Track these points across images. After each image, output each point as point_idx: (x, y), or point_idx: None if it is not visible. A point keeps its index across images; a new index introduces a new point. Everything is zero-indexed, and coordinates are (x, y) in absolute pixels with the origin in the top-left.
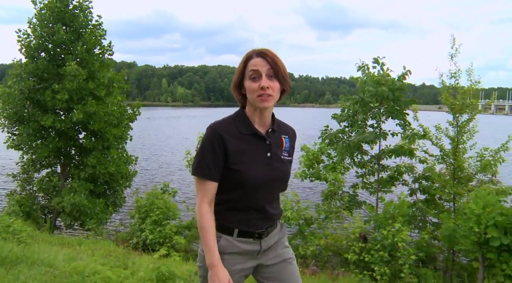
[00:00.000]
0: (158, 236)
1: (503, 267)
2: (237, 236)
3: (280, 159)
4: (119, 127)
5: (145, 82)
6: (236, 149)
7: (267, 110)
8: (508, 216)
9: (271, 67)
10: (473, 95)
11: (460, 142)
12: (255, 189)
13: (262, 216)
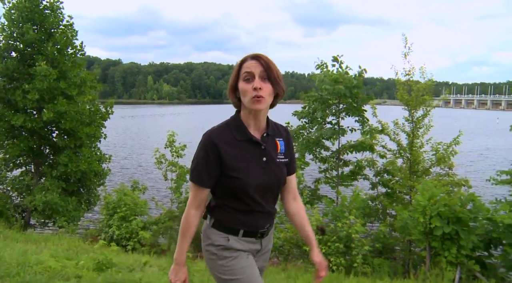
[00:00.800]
0: (124, 231)
1: (446, 255)
2: (242, 236)
3: (275, 163)
4: (92, 126)
5: (131, 79)
6: (232, 156)
7: (261, 113)
8: (450, 207)
9: (264, 70)
10: (427, 91)
11: (416, 137)
12: (254, 193)
13: (264, 216)
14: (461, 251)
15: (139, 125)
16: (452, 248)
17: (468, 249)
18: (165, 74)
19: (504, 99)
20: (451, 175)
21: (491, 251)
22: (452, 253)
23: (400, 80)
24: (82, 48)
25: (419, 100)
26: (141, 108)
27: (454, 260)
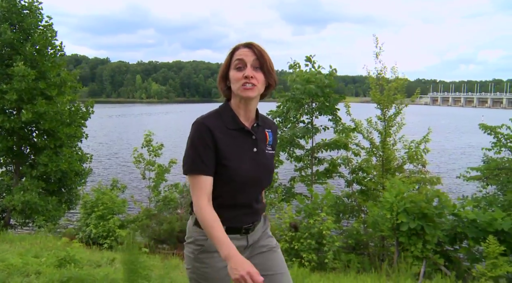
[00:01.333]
0: (101, 230)
1: (412, 249)
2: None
3: (265, 154)
4: (72, 126)
5: (119, 78)
6: (224, 145)
7: (252, 103)
8: (416, 203)
9: (257, 58)
10: (399, 90)
11: (388, 135)
12: (242, 185)
13: (249, 211)
14: (426, 246)
15: (125, 124)
16: (418, 243)
17: (433, 243)
18: (153, 73)
19: (489, 97)
20: (423, 172)
21: (456, 246)
22: (418, 247)
23: (373, 79)
24: (62, 48)
25: (391, 99)
26: (129, 107)
27: (420, 255)
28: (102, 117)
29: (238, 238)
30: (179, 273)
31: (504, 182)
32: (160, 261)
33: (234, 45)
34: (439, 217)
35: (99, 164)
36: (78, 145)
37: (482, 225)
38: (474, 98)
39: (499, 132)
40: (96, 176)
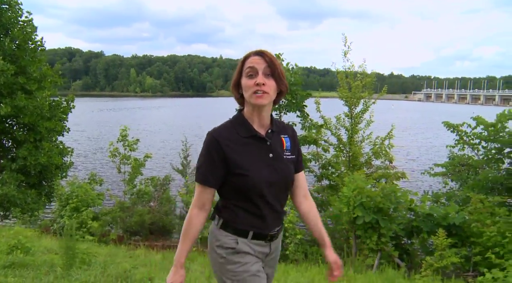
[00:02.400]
0: (75, 222)
1: (368, 242)
2: (252, 238)
3: (282, 159)
4: (52, 120)
5: (113, 72)
6: (237, 154)
7: (265, 110)
8: (372, 198)
9: (268, 66)
10: (368, 88)
11: (355, 132)
12: (262, 191)
13: (274, 217)
14: (381, 239)
15: (114, 118)
16: (373, 236)
17: (388, 236)
18: (148, 67)
19: (482, 94)
20: (389, 168)
21: (413, 239)
22: (373, 240)
23: (341, 76)
24: (42, 43)
25: (357, 96)
26: (123, 101)
27: (375, 247)
28: (93, 110)
29: (263, 245)
30: (127, 260)
31: (463, 178)
32: (126, 251)
33: (246, 53)
34: (395, 212)
35: (84, 158)
36: (59, 139)
37: (437, 219)
38: (468, 95)
39: (461, 130)
40: (80, 170)
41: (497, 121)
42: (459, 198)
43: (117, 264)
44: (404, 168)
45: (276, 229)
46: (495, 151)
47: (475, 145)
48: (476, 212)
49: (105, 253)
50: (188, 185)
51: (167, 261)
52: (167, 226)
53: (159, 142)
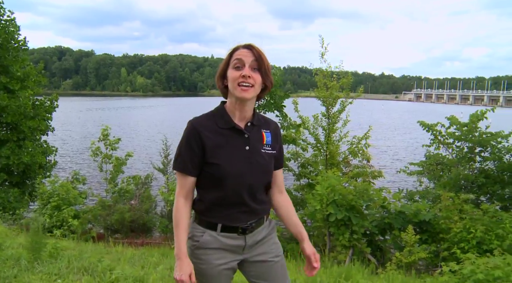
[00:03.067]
0: (55, 220)
1: (340, 239)
2: (221, 231)
3: (259, 153)
4: (35, 120)
5: (104, 71)
6: (214, 144)
7: (247, 103)
8: (344, 196)
9: (255, 59)
10: (345, 88)
11: (332, 131)
12: (235, 183)
13: (245, 210)
14: (353, 235)
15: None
16: (345, 233)
17: (360, 233)
18: (139, 66)
19: (471, 94)
20: (366, 167)
21: (386, 236)
22: (346, 237)
23: (320, 77)
24: (26, 43)
25: (333, 96)
26: (113, 100)
27: (348, 243)
28: (82, 110)
29: (235, 237)
30: (96, 255)
31: (437, 177)
32: (103, 248)
33: (234, 46)
34: (368, 209)
35: (70, 158)
36: (44, 138)
37: (408, 216)
38: (457, 95)
39: (435, 129)
40: (65, 169)
41: (470, 121)
42: (432, 196)
43: (85, 258)
44: (391, 167)
45: (249, 223)
46: (467, 150)
47: (450, 144)
48: (445, 209)
49: (76, 248)
50: (169, 184)
51: (136, 256)
52: (147, 224)
53: (145, 141)
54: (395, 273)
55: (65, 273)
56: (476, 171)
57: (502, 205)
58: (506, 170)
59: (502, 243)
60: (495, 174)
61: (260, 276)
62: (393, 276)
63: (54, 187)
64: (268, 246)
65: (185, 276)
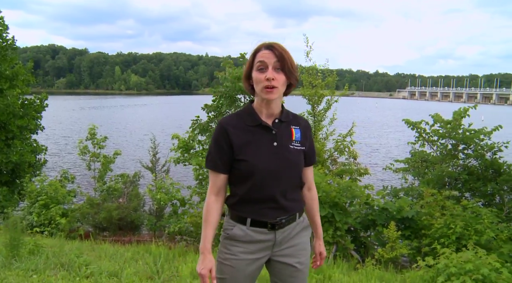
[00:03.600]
0: (43, 218)
1: (324, 235)
2: (250, 225)
3: (288, 149)
4: (25, 119)
5: (98, 70)
6: (241, 141)
7: (274, 102)
8: (327, 193)
9: (278, 60)
10: (330, 86)
11: (318, 129)
12: (263, 178)
13: (274, 206)
14: (337, 232)
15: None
16: (329, 229)
17: (344, 230)
18: (133, 65)
19: (465, 92)
20: (353, 164)
21: (371, 232)
22: (329, 233)
23: (306, 77)
24: (14, 42)
25: (318, 95)
26: (107, 99)
27: (331, 240)
28: (75, 109)
29: (265, 233)
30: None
31: (421, 174)
32: (90, 245)
33: (256, 46)
34: (351, 206)
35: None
36: (34, 137)
37: (392, 212)
38: (450, 93)
39: (420, 127)
40: (56, 168)
41: (453, 118)
42: (415, 193)
43: (65, 255)
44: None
45: (278, 219)
46: (451, 147)
47: (434, 141)
48: (427, 205)
49: (57, 245)
50: (156, 182)
51: (119, 253)
52: (135, 222)
53: (135, 139)
54: (373, 268)
55: (41, 269)
56: (460, 168)
57: (484, 201)
58: (489, 167)
59: (480, 238)
60: (478, 171)
61: (280, 277)
62: (371, 271)
63: (42, 185)
64: (296, 250)
65: (205, 271)
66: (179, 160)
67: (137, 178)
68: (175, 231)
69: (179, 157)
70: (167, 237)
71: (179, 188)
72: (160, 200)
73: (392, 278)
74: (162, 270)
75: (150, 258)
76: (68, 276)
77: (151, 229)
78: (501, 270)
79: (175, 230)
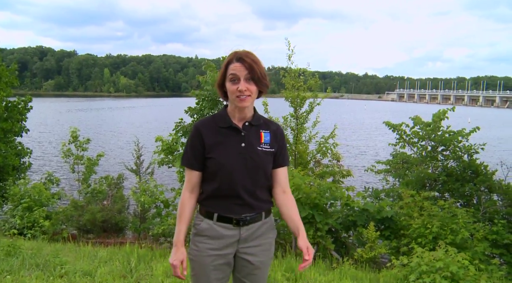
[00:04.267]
0: (26, 221)
1: None
2: (217, 220)
3: (255, 150)
4: (8, 121)
5: (86, 72)
6: (212, 141)
7: (246, 108)
8: (308, 194)
9: (248, 72)
10: (313, 89)
11: (301, 131)
12: (230, 176)
13: (240, 203)
14: (317, 233)
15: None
16: (310, 230)
17: (324, 230)
18: (122, 67)
19: (452, 94)
20: (335, 166)
21: (351, 232)
22: (310, 234)
23: (288, 80)
24: None
25: (300, 97)
26: (95, 101)
27: (312, 241)
28: (62, 111)
29: (230, 228)
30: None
31: (401, 175)
32: (72, 247)
33: (229, 56)
34: (331, 207)
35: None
36: (18, 140)
37: (372, 213)
38: (438, 95)
39: (401, 129)
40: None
41: (433, 120)
42: (396, 194)
43: (41, 256)
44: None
45: (244, 216)
46: (431, 149)
47: (415, 143)
48: (406, 206)
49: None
50: (141, 185)
51: (98, 255)
52: (119, 224)
53: (120, 142)
54: (349, 268)
55: (16, 270)
56: (440, 169)
57: (463, 202)
58: (467, 168)
59: (455, 237)
60: (457, 172)
61: (241, 273)
62: (347, 270)
63: (26, 188)
64: (260, 250)
65: (177, 262)
66: (163, 161)
67: (122, 180)
68: (159, 233)
69: (163, 158)
70: (151, 239)
71: (163, 190)
72: (144, 203)
73: (364, 277)
74: (136, 270)
75: (126, 258)
76: (42, 276)
77: (135, 231)
78: (469, 267)
79: (159, 232)
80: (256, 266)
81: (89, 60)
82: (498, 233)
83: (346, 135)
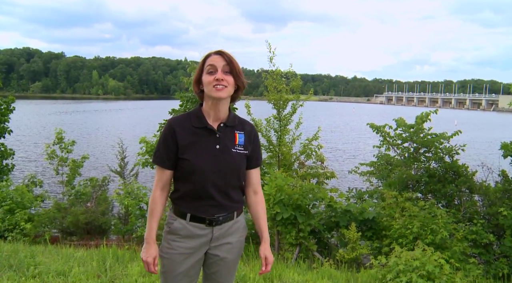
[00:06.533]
0: (7, 223)
1: (287, 237)
2: (190, 220)
3: (229, 152)
4: None
5: (74, 74)
6: (186, 141)
7: (221, 104)
8: (290, 195)
9: (227, 64)
10: (295, 91)
11: (284, 133)
12: (204, 178)
13: (213, 204)
14: (300, 234)
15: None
16: (292, 231)
17: (307, 231)
18: (111, 69)
19: (440, 97)
20: (320, 168)
21: (333, 233)
22: (292, 235)
23: (270, 82)
24: None
25: (283, 99)
26: (83, 103)
27: (295, 241)
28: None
29: (203, 228)
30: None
31: (385, 176)
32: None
33: (206, 53)
34: (314, 208)
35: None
36: (1, 141)
37: (354, 214)
38: (426, 98)
39: (384, 131)
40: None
41: (416, 123)
42: (378, 195)
43: (17, 257)
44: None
45: (216, 216)
46: (413, 151)
47: (398, 145)
48: (388, 207)
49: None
50: (124, 187)
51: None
52: (103, 226)
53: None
54: (329, 268)
55: None
56: (422, 170)
57: (444, 202)
58: (449, 170)
59: (435, 237)
60: (439, 173)
61: (210, 268)
62: (326, 270)
63: (8, 190)
64: (230, 248)
65: (150, 259)
66: (146, 162)
67: (107, 182)
68: (143, 235)
69: (146, 159)
70: (135, 240)
71: (146, 192)
72: (128, 206)
73: (342, 277)
74: (111, 270)
75: (102, 259)
76: (14, 276)
77: (119, 233)
78: (444, 266)
79: (143, 234)
80: (226, 262)
81: (77, 62)
82: (478, 233)
83: (334, 138)
